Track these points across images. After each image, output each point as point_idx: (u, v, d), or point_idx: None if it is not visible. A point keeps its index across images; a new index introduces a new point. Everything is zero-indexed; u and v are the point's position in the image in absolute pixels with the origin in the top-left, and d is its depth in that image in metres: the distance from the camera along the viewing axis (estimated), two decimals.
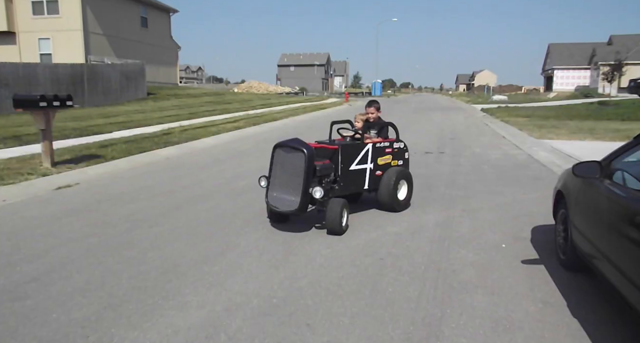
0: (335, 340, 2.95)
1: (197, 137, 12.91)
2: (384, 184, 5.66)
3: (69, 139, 11.65)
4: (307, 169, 4.81)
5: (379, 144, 5.76)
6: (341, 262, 4.23)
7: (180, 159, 10.07)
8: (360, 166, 5.55)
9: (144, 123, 15.75)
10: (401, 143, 6.09)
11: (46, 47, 28.06)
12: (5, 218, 5.56)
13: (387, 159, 5.87)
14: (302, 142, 4.99)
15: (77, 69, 21.82)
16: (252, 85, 60.33)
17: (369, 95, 63.51)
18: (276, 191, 5.03)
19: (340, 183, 5.33)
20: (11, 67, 18.62)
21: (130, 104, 23.55)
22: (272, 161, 5.13)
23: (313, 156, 4.88)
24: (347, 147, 5.42)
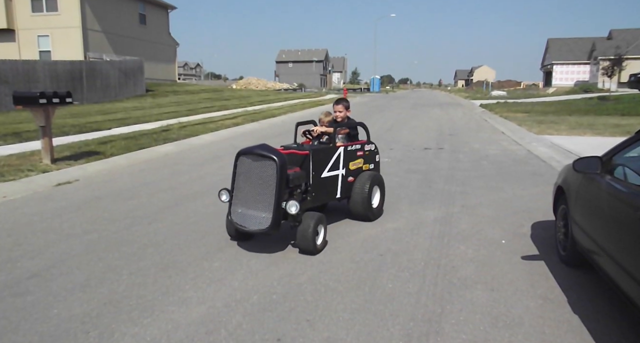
0: (335, 336, 2.96)
1: (195, 133, 12.90)
2: (356, 191, 5.12)
3: (68, 136, 11.64)
4: (279, 180, 4.13)
5: (350, 146, 5.19)
6: (340, 258, 4.24)
7: (179, 155, 10.06)
8: (332, 173, 4.96)
9: (142, 120, 15.72)
10: (372, 145, 5.57)
11: (45, 44, 27.98)
12: (6, 215, 5.56)
13: (358, 163, 5.33)
14: (271, 149, 4.31)
15: (76, 66, 21.77)
16: (251, 81, 60.25)
17: (367, 91, 63.45)
18: (241, 207, 4.31)
19: (312, 194, 4.70)
20: (11, 64, 18.57)
21: (129, 101, 23.51)
22: (235, 171, 4.37)
23: (285, 164, 4.22)
24: (319, 151, 4.79)
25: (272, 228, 4.17)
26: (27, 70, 19.18)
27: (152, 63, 32.96)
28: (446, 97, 48.14)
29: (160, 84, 32.75)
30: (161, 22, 36.86)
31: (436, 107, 28.57)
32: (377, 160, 5.70)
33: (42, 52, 27.83)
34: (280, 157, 4.19)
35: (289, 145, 5.00)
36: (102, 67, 23.60)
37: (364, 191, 5.09)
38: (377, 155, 5.67)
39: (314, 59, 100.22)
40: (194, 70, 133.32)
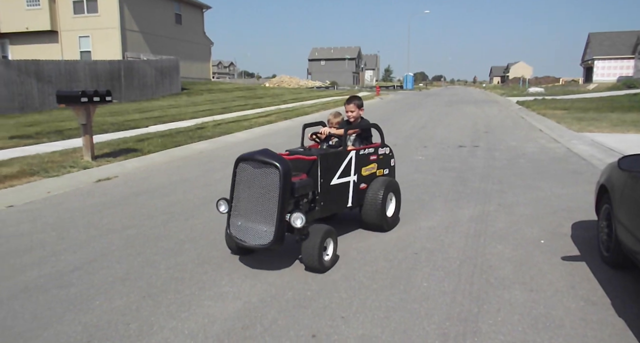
0: (370, 333, 2.95)
1: (230, 131, 13.07)
2: (369, 200, 4.68)
3: (108, 133, 11.99)
4: (282, 189, 3.68)
5: (363, 150, 4.75)
6: (374, 256, 4.22)
7: (214, 152, 10.22)
8: (343, 179, 4.51)
9: (178, 117, 16.05)
10: (387, 148, 5.13)
11: (86, 44, 28.90)
12: (50, 209, 5.78)
13: (372, 168, 4.88)
14: (273, 154, 3.85)
15: (114, 66, 22.40)
16: (283, 79, 60.61)
17: (400, 88, 62.87)
18: (241, 219, 3.87)
19: (321, 203, 4.29)
20: (54, 65, 19.26)
21: (165, 99, 24.02)
22: (234, 179, 3.91)
23: (290, 172, 3.77)
24: (328, 156, 4.34)
25: (275, 243, 3.71)
26: (69, 70, 19.84)
27: (187, 62, 33.57)
28: (481, 94, 47.20)
29: (195, 83, 33.34)
30: (196, 22, 37.48)
31: (471, 104, 28.05)
32: (392, 165, 5.27)
33: (83, 52, 28.75)
34: (283, 163, 3.73)
35: (295, 150, 4.60)
36: (139, 66, 24.20)
37: (377, 199, 4.65)
38: (392, 159, 5.25)
39: (347, 56, 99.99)
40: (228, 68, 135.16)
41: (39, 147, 9.90)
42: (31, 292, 3.52)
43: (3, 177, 6.89)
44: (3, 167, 7.55)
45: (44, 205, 5.99)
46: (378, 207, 4.64)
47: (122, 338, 2.89)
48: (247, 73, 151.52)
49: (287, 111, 19.96)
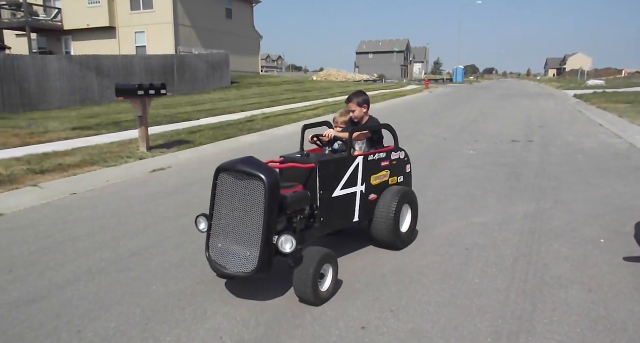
0: (420, 328, 2.92)
1: (278, 124, 13.22)
2: (380, 213, 4.02)
3: (161, 126, 12.40)
4: (268, 205, 3.07)
5: (372, 155, 4.05)
6: (424, 251, 4.17)
7: (263, 145, 10.38)
8: (348, 190, 3.84)
9: (228, 111, 16.38)
10: (401, 152, 4.41)
11: (141, 40, 29.97)
12: (110, 197, 6.06)
13: (383, 176, 4.19)
14: (258, 164, 3.21)
15: (168, 60, 23.11)
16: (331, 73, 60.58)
17: (450, 81, 61.47)
18: (222, 240, 3.26)
19: (321, 219, 3.63)
20: (112, 60, 20.10)
21: (216, 92, 24.57)
22: (213, 193, 3.30)
23: (277, 185, 3.12)
24: (328, 164, 3.68)
25: (259, 271, 3.10)
26: (125, 64, 20.64)
27: (237, 56, 34.16)
28: (536, 88, 45.43)
29: (244, 76, 33.90)
30: (246, 16, 38.05)
31: (525, 98, 27.07)
32: (409, 172, 4.54)
33: (139, 47, 29.82)
34: (270, 174, 3.10)
35: (290, 156, 3.97)
36: (191, 60, 24.85)
37: (389, 212, 3.99)
38: (408, 166, 4.52)
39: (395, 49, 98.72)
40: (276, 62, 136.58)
41: (98, 138, 10.38)
42: (94, 275, 3.71)
43: (67, 166, 7.27)
44: (67, 157, 7.97)
45: (103, 193, 6.29)
46: (390, 222, 3.97)
47: (178, 322, 3.00)
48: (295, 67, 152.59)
49: (334, 104, 19.96)
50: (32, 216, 5.29)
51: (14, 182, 6.30)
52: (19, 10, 28.96)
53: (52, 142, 9.64)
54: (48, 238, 4.55)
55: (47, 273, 3.76)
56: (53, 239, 4.52)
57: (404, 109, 19.74)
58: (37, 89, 16.52)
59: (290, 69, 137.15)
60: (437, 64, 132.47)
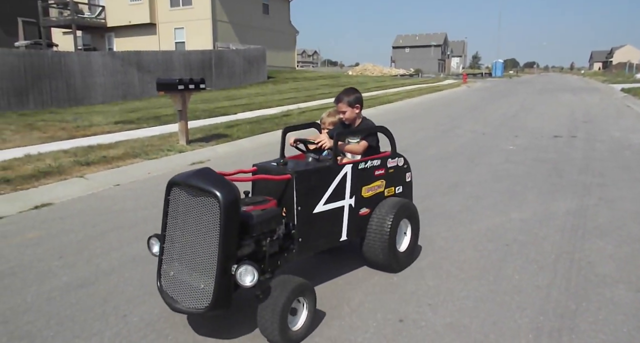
0: (458, 322, 2.90)
1: (314, 118, 13.26)
2: (373, 230, 3.46)
3: (200, 120, 12.65)
4: (224, 228, 2.52)
5: (363, 163, 3.48)
6: (462, 246, 4.12)
7: None
8: (333, 204, 3.27)
9: (265, 105, 16.54)
10: (399, 159, 3.79)
11: (180, 35, 30.57)
12: (151, 189, 6.24)
13: (377, 186, 3.59)
14: (214, 177, 2.66)
15: (206, 55, 23.50)
16: (367, 67, 60.19)
17: (488, 76, 60.06)
18: (175, 267, 2.73)
19: (299, 240, 3.08)
20: (152, 55, 20.60)
21: (252, 87, 24.84)
22: (166, 210, 2.79)
23: (236, 203, 2.58)
24: (307, 174, 3.12)
25: (214, 307, 2.56)
26: (165, 60, 21.12)
27: (273, 51, 34.39)
28: (579, 81, 43.87)
29: (280, 71, 34.13)
30: (283, 11, 38.23)
31: (567, 92, 26.18)
32: (408, 181, 3.92)
33: (178, 43, 30.43)
34: (226, 191, 2.54)
35: (264, 165, 3.36)
36: (228, 55, 25.19)
37: (383, 229, 3.42)
38: (407, 174, 3.90)
39: (432, 43, 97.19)
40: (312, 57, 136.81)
41: (139, 131, 10.68)
42: (138, 263, 3.85)
43: (111, 158, 7.53)
44: (111, 149, 8.25)
45: (145, 185, 6.48)
46: (384, 240, 3.42)
47: None
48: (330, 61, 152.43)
49: (370, 99, 19.85)
50: (79, 206, 5.52)
51: (62, 173, 6.58)
52: (66, 8, 30.03)
53: (97, 135, 9.99)
54: (94, 227, 4.74)
55: (94, 260, 3.92)
56: (99, 228, 4.70)
57: (440, 104, 19.43)
58: (82, 84, 17.12)
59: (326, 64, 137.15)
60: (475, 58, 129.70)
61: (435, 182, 6.38)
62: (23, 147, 8.48)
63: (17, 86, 14.62)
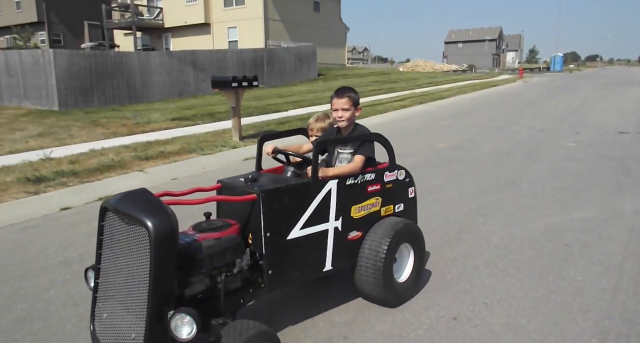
0: (515, 322, 2.80)
1: (364, 115, 13.19)
2: (365, 257, 2.91)
3: (252, 117, 12.89)
4: (156, 264, 2.05)
5: (352, 178, 2.89)
6: (520, 245, 3.98)
7: None
8: (312, 228, 2.74)
9: (315, 102, 16.62)
10: (400, 171, 3.19)
11: (233, 34, 31.24)
12: (207, 183, 6.40)
13: (370, 204, 3.02)
14: (146, 201, 2.20)
15: (258, 53, 23.88)
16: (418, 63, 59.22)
17: (547, 70, 57.57)
18: (109, 307, 2.23)
19: (269, 272, 2.57)
20: (207, 54, 21.16)
21: (303, 85, 25.03)
22: (99, 238, 2.29)
23: (171, 234, 2.11)
24: (278, 193, 2.59)
25: None
26: (219, 58, 21.64)
27: (324, 48, 34.48)
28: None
29: (330, 68, 34.18)
30: (333, 9, 38.24)
31: (635, 86, 24.69)
32: (411, 197, 3.31)
33: (231, 41, 31.11)
34: (159, 218, 2.08)
35: (230, 181, 2.84)
36: (280, 53, 25.48)
37: (377, 255, 2.87)
38: (410, 189, 3.29)
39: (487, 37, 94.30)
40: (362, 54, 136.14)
41: (194, 128, 11.01)
42: None
43: (168, 154, 7.81)
44: (167, 145, 8.55)
45: (201, 179, 6.67)
46: (378, 268, 2.86)
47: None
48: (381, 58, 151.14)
49: (421, 95, 19.53)
50: None
51: (124, 167, 6.89)
52: (127, 11, 31.39)
53: (154, 132, 10.39)
54: None
55: None
56: None
57: (495, 100, 18.83)
58: (141, 83, 17.83)
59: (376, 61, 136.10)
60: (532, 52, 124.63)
61: (490, 179, 6.19)
62: (88, 143, 8.95)
63: (83, 85, 15.43)
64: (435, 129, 10.95)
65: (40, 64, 15.06)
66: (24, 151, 8.24)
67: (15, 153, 8.11)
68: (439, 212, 4.86)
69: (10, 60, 16.27)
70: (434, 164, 7.20)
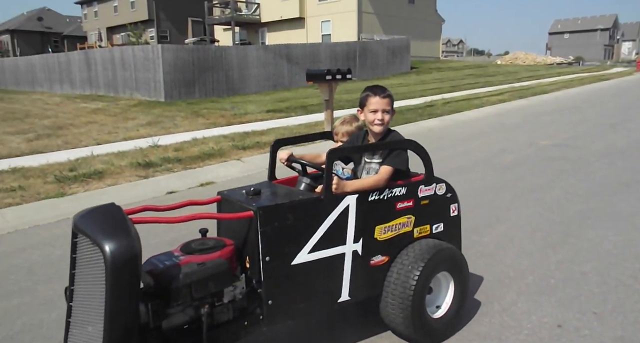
0: (632, 337, 2.56)
1: (459, 109, 12.74)
2: (393, 287, 2.48)
3: (343, 110, 12.93)
4: (112, 294, 1.79)
5: (376, 194, 2.45)
6: (637, 253, 3.62)
7: (443, 130, 10.12)
8: (325, 252, 2.34)
9: (407, 95, 16.33)
10: (440, 184, 2.71)
11: (327, 28, 31.55)
12: None
13: (400, 224, 2.55)
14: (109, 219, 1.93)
15: (350, 47, 23.93)
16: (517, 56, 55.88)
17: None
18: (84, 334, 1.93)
19: (268, 303, 2.21)
20: (300, 48, 21.60)
21: (395, 78, 24.69)
22: (72, 257, 1.98)
23: (132, 260, 1.81)
24: (280, 210, 2.22)
25: None
26: (312, 52, 21.99)
27: (417, 41, 33.70)
28: None
29: (423, 61, 33.38)
30: (428, 0, 37.23)
31: None
32: (454, 215, 2.79)
33: (324, 35, 31.45)
34: (118, 241, 1.80)
35: (229, 194, 2.52)
36: (372, 46, 25.33)
37: (406, 284, 2.43)
38: (452, 206, 2.78)
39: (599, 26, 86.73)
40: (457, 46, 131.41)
41: (288, 119, 11.30)
42: None
43: (263, 144, 8.09)
44: (263, 136, 8.87)
45: None
46: (407, 301, 2.42)
47: None
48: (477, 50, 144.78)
49: (521, 89, 18.44)
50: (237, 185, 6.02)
51: (222, 156, 7.25)
52: (227, 7, 32.92)
53: (250, 123, 10.81)
54: None
55: None
56: None
57: (607, 94, 17.28)
58: (239, 76, 18.63)
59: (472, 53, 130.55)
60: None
61: (600, 180, 5.70)
62: (190, 132, 9.54)
63: (186, 78, 16.45)
64: (537, 125, 10.29)
65: (149, 59, 16.28)
66: (136, 138, 8.97)
67: (129, 140, 8.85)
68: (542, 213, 4.57)
69: (125, 55, 17.76)
70: (536, 161, 6.77)
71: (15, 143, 9.05)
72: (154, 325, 1.96)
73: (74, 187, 5.77)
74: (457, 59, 77.98)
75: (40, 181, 5.98)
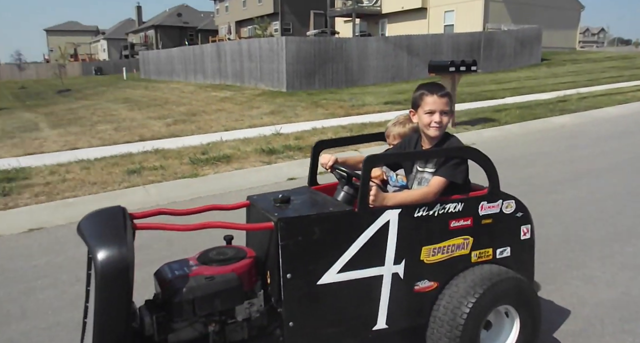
0: None
1: (598, 105, 11.55)
2: (440, 317, 2.15)
3: (465, 103, 12.41)
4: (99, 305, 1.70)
5: (424, 209, 2.13)
6: None
7: (578, 127, 9.25)
8: (357, 273, 2.08)
9: (537, 89, 15.19)
10: (508, 201, 2.32)
11: (450, 18, 30.41)
12: None
13: (455, 246, 2.21)
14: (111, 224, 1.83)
15: (475, 37, 22.82)
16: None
17: None
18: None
19: (289, 325, 2.00)
20: (421, 39, 21.10)
21: (522, 70, 23.09)
22: (88, 273, 1.92)
23: (123, 271, 1.68)
24: (305, 222, 1.99)
25: None
26: (434, 43, 21.35)
27: (550, 30, 31.08)
28: None
29: (556, 53, 30.74)
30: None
31: None
32: (526, 238, 2.37)
33: (447, 26, 30.36)
34: (108, 250, 1.70)
35: (258, 200, 2.28)
36: (499, 37, 23.90)
37: (456, 317, 2.10)
38: (524, 228, 2.37)
39: None
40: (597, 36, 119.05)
41: (406, 112, 11.09)
42: None
43: None
44: (381, 128, 8.78)
45: None
46: (457, 331, 2.09)
47: None
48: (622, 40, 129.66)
49: None
50: None
51: None
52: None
53: (368, 114, 10.83)
54: None
55: None
56: None
57: None
58: (358, 67, 18.75)
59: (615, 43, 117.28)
60: None
61: None
62: (310, 121, 9.82)
63: (307, 69, 16.95)
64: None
65: (274, 50, 17.04)
66: (260, 126, 9.47)
67: (253, 127, 9.37)
68: None
69: (252, 47, 18.79)
70: None
71: (157, 127, 10.07)
72: (158, 338, 1.87)
73: (205, 168, 6.26)
74: (595, 49, 70.67)
75: (177, 162, 6.59)
